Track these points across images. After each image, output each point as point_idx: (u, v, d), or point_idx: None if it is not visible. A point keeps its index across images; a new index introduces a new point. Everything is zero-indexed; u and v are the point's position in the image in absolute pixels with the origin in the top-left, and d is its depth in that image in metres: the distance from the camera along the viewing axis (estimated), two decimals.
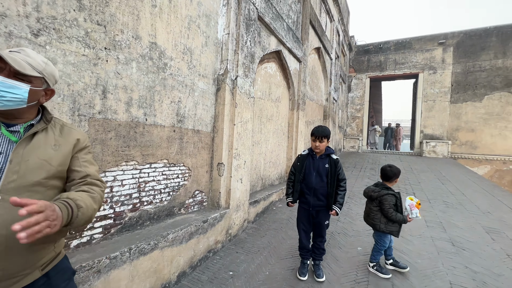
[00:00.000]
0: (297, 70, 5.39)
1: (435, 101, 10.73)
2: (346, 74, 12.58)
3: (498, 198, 4.73)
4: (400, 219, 2.21)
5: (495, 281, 2.22)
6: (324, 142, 2.25)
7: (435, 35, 11.13)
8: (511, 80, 9.60)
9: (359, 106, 12.66)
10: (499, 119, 9.66)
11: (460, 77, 10.45)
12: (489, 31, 10.13)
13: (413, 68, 11.33)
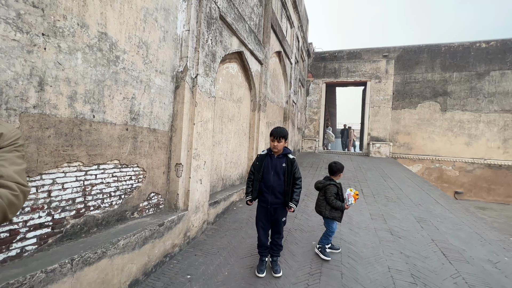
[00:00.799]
0: (259, 72, 5.50)
1: (380, 107, 12.03)
2: (305, 78, 13.27)
3: (427, 192, 5.54)
4: (339, 205, 2.55)
5: (422, 262, 2.60)
6: (282, 142, 2.35)
7: (380, 48, 12.48)
8: (437, 91, 11.31)
9: (316, 109, 13.46)
10: (428, 124, 11.30)
11: (400, 87, 11.92)
12: (421, 48, 11.77)
13: (362, 76, 12.51)
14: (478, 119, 10.69)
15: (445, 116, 11.10)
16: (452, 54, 11.25)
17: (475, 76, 10.84)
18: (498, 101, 10.50)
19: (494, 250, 3.00)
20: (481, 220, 4.04)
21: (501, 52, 10.60)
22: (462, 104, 10.93)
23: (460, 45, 11.21)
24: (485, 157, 10.50)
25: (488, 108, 10.60)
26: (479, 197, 10.48)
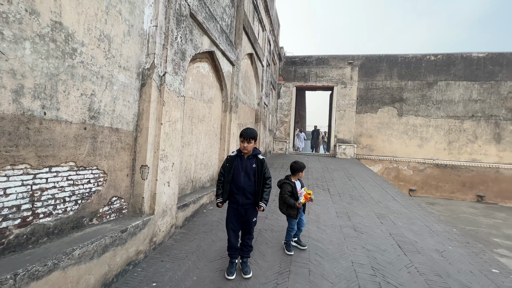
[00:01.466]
0: (230, 73, 5.48)
1: (345, 111, 12.77)
2: (276, 81, 13.55)
3: (386, 190, 6.01)
4: (292, 203, 2.66)
5: (381, 255, 2.81)
6: (252, 143, 2.37)
7: (346, 56, 13.28)
8: (394, 97, 12.38)
9: (287, 112, 13.82)
10: (387, 128, 12.29)
11: (363, 93, 12.79)
12: (381, 58, 12.79)
13: (329, 81, 13.18)
14: (428, 124, 11.93)
15: (401, 120, 12.19)
16: (407, 64, 12.42)
17: (426, 85, 12.10)
18: (444, 108, 11.85)
19: (440, 240, 3.36)
20: (430, 214, 4.51)
21: (446, 65, 11.98)
22: (415, 110, 12.11)
23: (413, 56, 12.42)
24: (434, 158, 11.75)
25: (436, 114, 11.90)
26: (429, 193, 11.68)
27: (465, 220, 7.92)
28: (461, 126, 11.60)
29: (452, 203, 10.66)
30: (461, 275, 2.53)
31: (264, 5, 8.77)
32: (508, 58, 11.40)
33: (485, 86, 11.50)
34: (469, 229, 6.84)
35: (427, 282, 2.36)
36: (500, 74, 11.40)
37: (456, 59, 11.92)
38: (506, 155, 11.15)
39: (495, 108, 11.36)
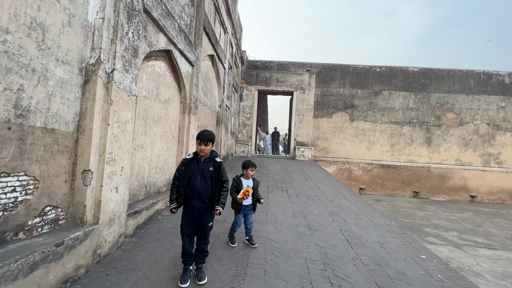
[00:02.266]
0: (190, 74, 5.33)
1: (304, 115, 13.44)
2: (239, 84, 13.62)
3: (338, 189, 6.48)
4: (234, 198, 2.86)
5: (332, 251, 3.01)
6: (209, 146, 2.34)
7: (305, 63, 14.02)
8: (347, 104, 13.48)
9: (249, 115, 13.97)
10: (340, 132, 13.30)
11: (320, 98, 13.64)
12: (336, 67, 13.84)
13: (289, 86, 13.74)
14: (375, 128, 13.27)
15: (353, 125, 13.33)
16: (358, 74, 13.66)
17: (373, 94, 13.46)
18: (388, 114, 13.32)
19: (382, 233, 3.74)
20: (374, 210, 5.00)
21: (389, 76, 13.52)
22: (364, 116, 13.35)
23: (362, 67, 13.72)
24: (379, 159, 13.10)
25: (381, 119, 13.30)
26: (376, 191, 12.95)
27: (404, 213, 8.99)
28: (401, 130, 13.19)
29: (394, 199, 12.01)
30: (397, 263, 2.85)
31: (226, 7, 8.77)
32: (436, 74, 13.38)
33: (419, 96, 13.30)
34: (407, 221, 7.78)
35: (369, 272, 2.60)
36: (430, 87, 13.31)
37: (397, 71, 13.54)
38: (435, 156, 13.01)
39: (426, 116, 13.20)
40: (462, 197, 12.76)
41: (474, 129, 13.02)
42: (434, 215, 9.03)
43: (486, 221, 8.65)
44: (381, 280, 2.47)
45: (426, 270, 2.75)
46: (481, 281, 4.24)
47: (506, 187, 12.74)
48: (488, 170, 12.83)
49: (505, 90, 13.11)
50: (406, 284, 2.44)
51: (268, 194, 5.55)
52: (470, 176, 12.82)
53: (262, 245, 3.04)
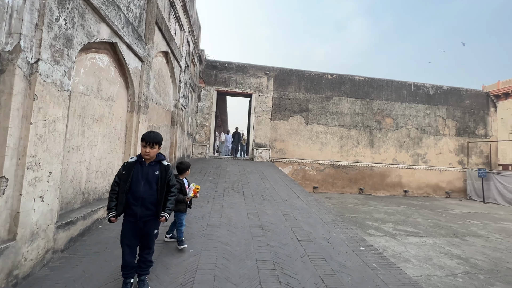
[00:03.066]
0: (139, 70, 4.97)
1: (262, 117, 13.72)
2: (196, 84, 13.23)
3: (292, 189, 6.77)
4: (181, 198, 2.90)
5: (282, 249, 3.12)
6: (156, 149, 2.20)
7: (263, 66, 14.34)
8: (302, 107, 14.21)
9: (207, 116, 13.67)
10: (296, 134, 13.96)
11: (277, 101, 14.09)
12: (292, 72, 14.49)
13: (248, 88, 13.88)
14: (327, 131, 14.27)
15: (307, 127, 14.12)
16: (312, 80, 14.53)
17: (325, 99, 14.47)
18: (338, 118, 14.47)
19: (328, 229, 4.02)
20: (323, 208, 5.36)
21: (339, 83, 14.71)
22: (317, 119, 14.26)
23: (316, 73, 14.65)
24: (331, 159, 14.14)
25: (332, 123, 14.38)
26: (328, 189, 13.93)
27: (350, 209, 9.86)
28: (349, 133, 14.46)
29: (342, 196, 13.08)
30: (340, 257, 3.08)
31: (182, 3, 8.43)
32: (377, 83, 15.05)
33: (364, 102, 14.77)
34: (352, 216, 8.54)
35: (315, 267, 2.76)
36: (373, 94, 14.91)
37: (346, 79, 14.82)
38: (376, 156, 14.60)
39: (369, 120, 14.73)
40: (397, 192, 14.57)
41: (407, 132, 15.02)
42: (375, 209, 10.11)
43: (415, 212, 10.03)
44: (325, 274, 2.63)
45: (364, 261, 3.04)
46: (409, 265, 4.89)
47: (430, 182, 15.00)
48: (417, 168, 14.92)
49: (429, 100, 15.45)
50: (346, 275, 2.65)
51: (224, 196, 5.49)
52: (404, 173, 14.74)
53: (214, 249, 2.98)
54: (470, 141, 15.61)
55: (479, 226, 8.31)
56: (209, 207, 4.60)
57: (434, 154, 15.22)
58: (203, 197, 5.22)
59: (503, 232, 7.77)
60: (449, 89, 15.80)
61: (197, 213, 4.21)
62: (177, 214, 2.95)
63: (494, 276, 4.62)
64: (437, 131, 15.35)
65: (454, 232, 7.42)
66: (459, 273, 4.68)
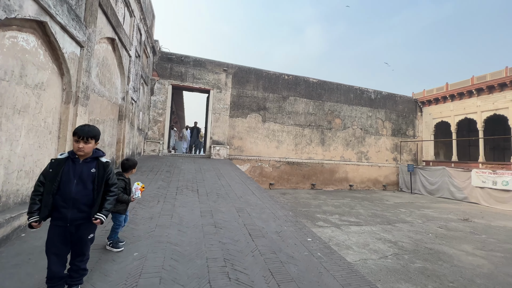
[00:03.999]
0: (78, 56, 4.42)
1: (220, 114, 13.55)
2: (149, 76, 12.35)
3: (248, 186, 6.86)
4: (125, 199, 2.74)
5: (234, 246, 3.14)
6: (91, 144, 1.99)
7: (222, 63, 14.13)
8: (260, 106, 14.48)
9: (161, 111, 12.91)
10: (254, 132, 14.18)
11: (236, 99, 14.07)
12: (251, 70, 14.62)
13: (206, 84, 13.54)
14: (283, 130, 14.84)
15: (265, 126, 14.46)
16: (269, 79, 14.90)
17: (282, 98, 15.00)
18: (293, 117, 15.16)
19: (280, 223, 4.20)
20: (277, 203, 5.57)
21: (294, 84, 15.40)
22: (274, 118, 14.71)
23: (274, 73, 15.07)
24: (286, 157, 14.76)
25: (288, 122, 15.01)
26: (283, 186, 14.52)
27: (303, 203, 10.47)
28: (303, 132, 15.30)
29: (297, 191, 13.80)
30: (288, 248, 3.25)
31: None
32: (329, 86, 16.23)
33: (317, 103, 15.78)
34: (304, 210, 9.09)
35: (265, 260, 2.86)
36: (324, 96, 16.02)
37: (301, 81, 15.59)
38: (326, 154, 15.77)
39: (321, 120, 15.82)
40: (344, 186, 16.01)
41: (353, 132, 16.58)
42: (324, 203, 10.94)
43: (357, 204, 11.17)
44: (274, 266, 2.75)
45: (310, 251, 3.26)
46: (350, 252, 5.43)
47: (371, 177, 16.87)
48: (360, 164, 16.61)
49: (371, 103, 17.31)
50: (293, 266, 2.81)
51: (177, 195, 5.28)
52: (349, 169, 16.26)
53: (162, 251, 2.84)
54: (402, 141, 18.01)
55: (406, 214, 9.68)
56: (159, 207, 4.36)
57: (374, 152, 17.15)
58: (153, 197, 4.93)
59: (424, 217, 9.20)
60: (387, 94, 17.94)
61: (145, 214, 3.95)
62: (115, 216, 2.76)
63: (415, 256, 5.45)
64: (377, 131, 17.31)
65: (387, 220, 8.51)
66: (389, 255, 5.39)
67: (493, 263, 5.27)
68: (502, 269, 5.00)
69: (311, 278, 2.58)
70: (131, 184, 2.92)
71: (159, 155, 11.99)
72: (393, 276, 4.45)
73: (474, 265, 5.10)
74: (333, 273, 2.75)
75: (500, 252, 5.94)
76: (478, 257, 5.56)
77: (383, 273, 4.57)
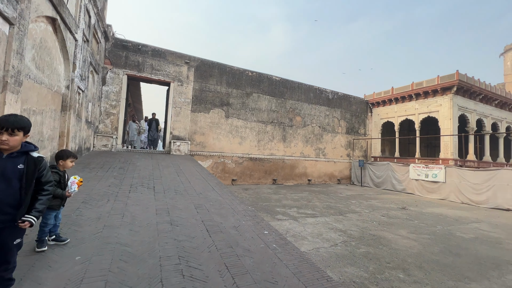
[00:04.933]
0: (6, 35, 3.81)
1: (181, 108, 13.03)
2: (101, 64, 11.23)
3: (208, 182, 6.78)
4: (59, 193, 2.57)
5: (190, 243, 3.09)
6: (18, 136, 1.75)
7: (184, 55, 13.54)
8: (223, 101, 14.33)
9: (115, 102, 11.89)
10: (217, 127, 13.99)
11: (198, 93, 13.67)
12: (214, 64, 14.32)
13: (166, 76, 12.86)
14: (246, 126, 14.94)
15: (228, 121, 14.36)
16: (233, 75, 14.80)
17: (245, 95, 15.06)
18: (256, 114, 15.36)
19: (239, 218, 4.26)
20: (237, 198, 5.62)
21: (258, 81, 15.57)
22: (237, 114, 14.71)
23: (237, 69, 15.00)
24: (249, 153, 14.92)
25: (251, 118, 15.15)
26: (245, 181, 14.68)
27: (264, 198, 10.75)
28: (265, 129, 15.62)
29: (258, 187, 14.09)
30: (245, 242, 3.33)
31: None
32: (291, 84, 16.80)
33: (279, 101, 16.22)
34: (264, 205, 9.35)
35: (221, 255, 2.88)
36: (286, 94, 16.56)
37: (264, 78, 15.83)
38: (287, 150, 16.39)
39: (283, 118, 16.34)
40: (303, 181, 16.87)
41: (312, 130, 17.50)
42: (284, 197, 11.39)
43: (314, 197, 11.90)
44: (230, 260, 2.79)
45: (266, 243, 3.39)
46: (305, 242, 5.79)
47: (327, 172, 18.09)
48: (318, 160, 17.66)
49: (329, 103, 18.47)
50: (249, 258, 2.89)
51: (131, 193, 4.96)
52: (308, 165, 17.18)
53: (110, 252, 2.66)
54: (355, 138, 19.64)
55: (356, 205, 10.65)
56: (108, 206, 4.04)
57: (331, 149, 18.38)
58: (102, 196, 4.55)
59: (371, 207, 10.24)
60: (343, 95, 19.31)
61: (92, 214, 3.63)
62: (46, 213, 2.53)
63: (361, 242, 6.05)
64: (333, 129, 18.56)
65: (340, 211, 9.26)
66: (339, 243, 5.89)
67: (422, 244, 6.14)
68: (428, 248, 5.86)
69: (265, 269, 2.69)
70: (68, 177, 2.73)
71: (112, 150, 11.05)
72: (341, 262, 4.88)
73: (407, 247, 5.87)
74: (286, 262, 2.90)
75: (427, 234, 6.94)
76: (411, 240, 6.41)
77: (333, 259, 4.97)
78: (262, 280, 2.46)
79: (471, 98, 16.44)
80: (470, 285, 4.23)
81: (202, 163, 13.21)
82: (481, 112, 17.06)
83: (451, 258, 5.37)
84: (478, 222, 8.69)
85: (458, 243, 6.36)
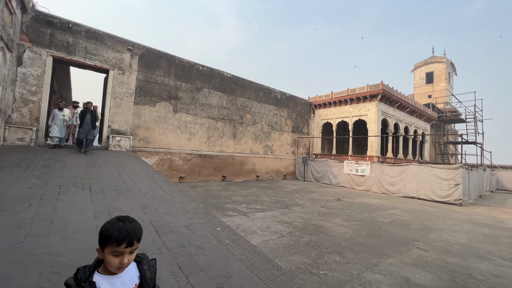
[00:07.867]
0: None
1: (122, 100, 11.80)
2: (15, 40, 9.24)
3: (155, 181, 6.38)
4: None
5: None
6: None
7: (126, 40, 12.23)
8: (171, 95, 13.55)
9: (36, 88, 9.99)
10: (164, 122, 13.17)
11: (142, 84, 12.58)
12: (162, 55, 13.38)
13: (104, 63, 11.43)
14: (196, 121, 14.48)
15: (176, 116, 13.66)
16: (183, 68, 14.11)
17: (195, 89, 14.55)
18: (206, 109, 15.03)
19: (190, 216, 4.18)
20: (187, 196, 5.47)
21: (209, 76, 15.24)
22: (187, 109, 14.12)
23: (187, 62, 14.36)
24: (198, 149, 14.53)
25: (201, 114, 14.76)
26: (194, 178, 14.27)
27: (213, 195, 10.68)
28: (216, 125, 15.44)
29: (208, 184, 13.89)
30: (198, 240, 3.30)
31: None
32: (242, 82, 16.97)
33: (230, 98, 16.22)
34: (215, 202, 9.31)
35: (173, 255, 2.80)
36: (238, 92, 16.67)
37: (216, 73, 15.58)
38: (237, 147, 16.58)
39: (234, 115, 16.42)
40: (252, 177, 17.35)
41: (261, 128, 18.10)
42: (234, 193, 11.54)
43: (263, 192, 12.41)
44: (182, 260, 2.74)
45: (219, 240, 3.43)
46: (254, 236, 6.04)
47: (274, 168, 19.03)
48: (266, 157, 18.41)
49: (277, 103, 19.39)
50: (202, 256, 2.89)
51: (60, 195, 4.31)
52: (257, 161, 17.74)
53: (37, 265, 2.30)
54: (299, 137, 21.15)
55: (299, 198, 11.56)
56: (31, 212, 3.44)
57: (278, 146, 19.38)
58: (22, 200, 3.83)
59: (312, 200, 11.27)
60: (290, 96, 20.51)
61: (8, 222, 3.04)
62: None
63: (304, 232, 6.65)
64: (281, 128, 19.58)
65: (286, 204, 9.91)
66: (285, 234, 6.34)
67: (353, 229, 7.12)
68: (358, 233, 6.83)
69: (219, 265, 2.75)
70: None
71: (30, 145, 9.27)
72: (287, 251, 5.28)
73: (341, 233, 6.73)
74: (239, 256, 3.02)
75: (357, 221, 8.07)
76: (344, 226, 7.36)
77: (281, 250, 5.34)
78: (216, 276, 2.51)
79: (391, 105, 19.59)
80: (388, 260, 5.14)
81: (147, 160, 12.27)
82: (397, 118, 20.51)
83: (374, 239, 6.39)
84: (393, 208, 10.52)
85: (380, 226, 7.60)
